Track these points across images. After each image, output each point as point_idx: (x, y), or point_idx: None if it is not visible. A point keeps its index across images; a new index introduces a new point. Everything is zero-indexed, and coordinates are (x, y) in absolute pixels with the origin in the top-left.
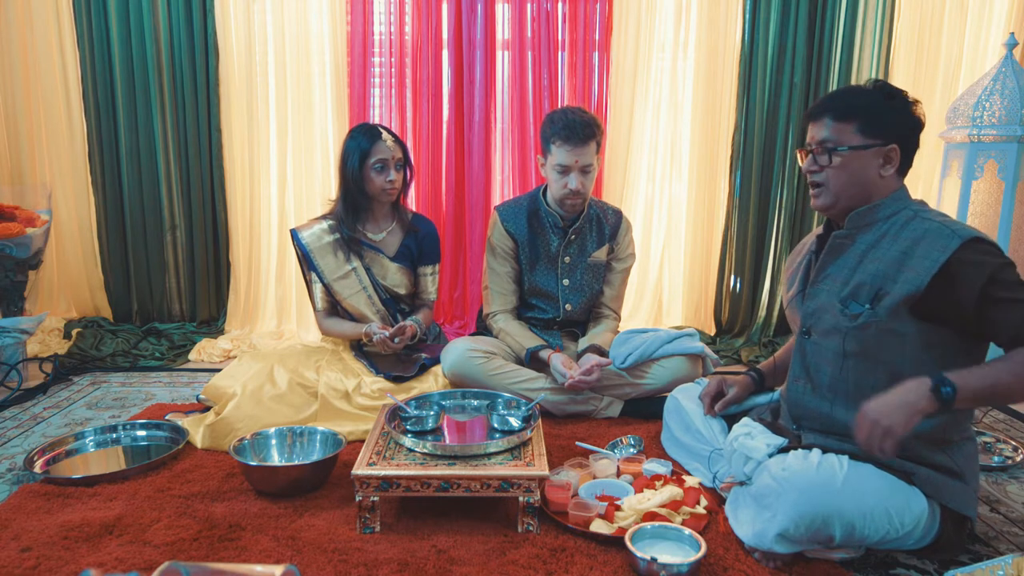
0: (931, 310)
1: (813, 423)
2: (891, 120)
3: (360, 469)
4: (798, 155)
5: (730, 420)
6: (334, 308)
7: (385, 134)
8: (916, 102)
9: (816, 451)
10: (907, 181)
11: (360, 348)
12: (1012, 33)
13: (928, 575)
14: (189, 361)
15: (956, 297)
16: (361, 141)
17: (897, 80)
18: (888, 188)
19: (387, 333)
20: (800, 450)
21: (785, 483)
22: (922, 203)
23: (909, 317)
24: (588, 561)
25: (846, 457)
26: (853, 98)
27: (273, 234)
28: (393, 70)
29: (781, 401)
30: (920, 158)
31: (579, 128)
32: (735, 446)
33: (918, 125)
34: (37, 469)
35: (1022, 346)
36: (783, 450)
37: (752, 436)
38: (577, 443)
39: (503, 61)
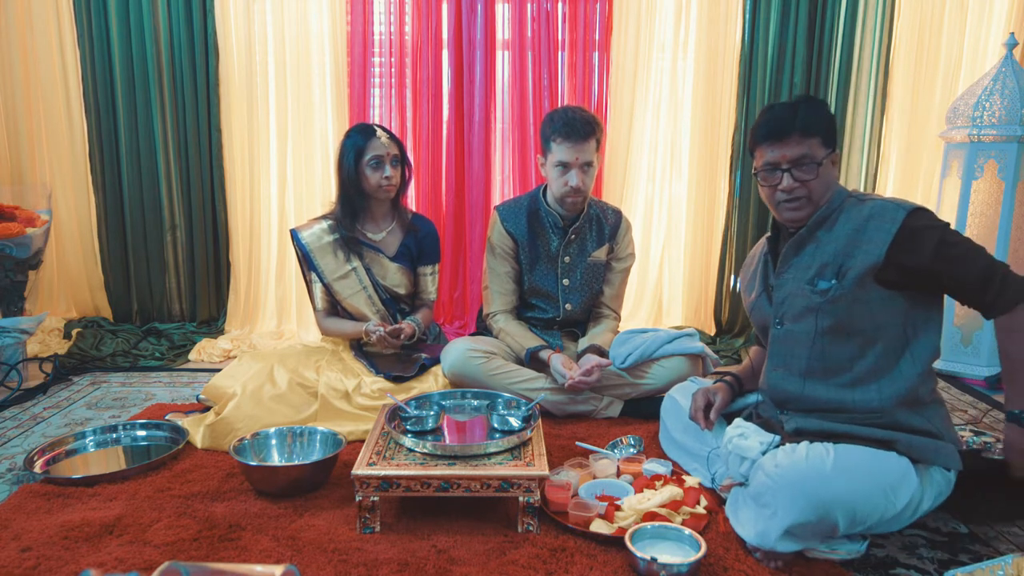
0: (892, 277)
1: (794, 405)
2: (835, 130)
3: (360, 469)
4: (759, 180)
5: (727, 419)
6: (334, 308)
7: (380, 131)
8: None
9: (804, 443)
10: (907, 181)
11: (360, 348)
12: (1012, 33)
13: (928, 575)
14: (189, 361)
15: (915, 260)
16: (356, 139)
17: (897, 80)
18: (834, 186)
19: (384, 330)
20: (788, 445)
21: (779, 479)
22: (856, 190)
23: (874, 285)
24: (588, 561)
25: (831, 444)
26: (811, 115)
27: (273, 234)
28: (393, 70)
29: (760, 393)
30: (920, 158)
31: (579, 125)
32: (730, 448)
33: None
34: (37, 469)
35: (1001, 309)
36: (777, 446)
37: (745, 436)
38: (577, 443)
39: (503, 61)
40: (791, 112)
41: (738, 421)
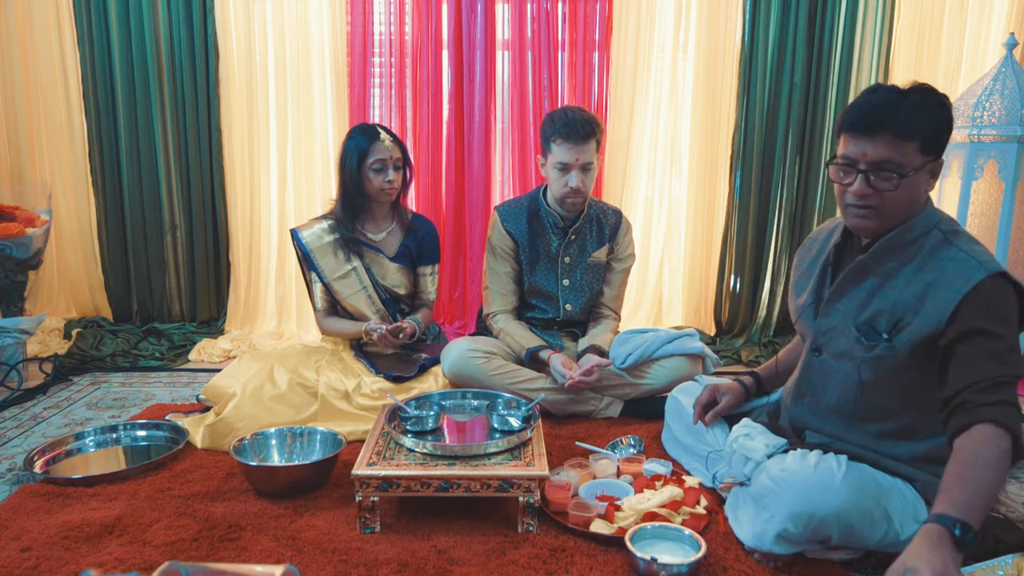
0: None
1: (816, 437)
2: (947, 133)
3: (360, 469)
4: (830, 170)
5: (730, 420)
6: (334, 308)
7: (383, 134)
8: (951, 105)
9: (816, 452)
10: None
11: (360, 348)
12: (1012, 33)
13: None
14: (189, 361)
15: (951, 330)
16: (359, 141)
17: (897, 80)
18: (923, 202)
19: (384, 328)
20: (799, 450)
21: (783, 484)
22: (949, 219)
23: (928, 351)
24: (588, 561)
25: (844, 457)
26: (914, 114)
27: (273, 234)
28: (393, 70)
29: (781, 406)
30: None
31: (579, 126)
32: (735, 447)
33: (952, 129)
34: (37, 469)
35: (962, 419)
36: (784, 451)
37: (751, 437)
38: (577, 443)
39: (503, 61)
40: (894, 103)
41: (745, 421)
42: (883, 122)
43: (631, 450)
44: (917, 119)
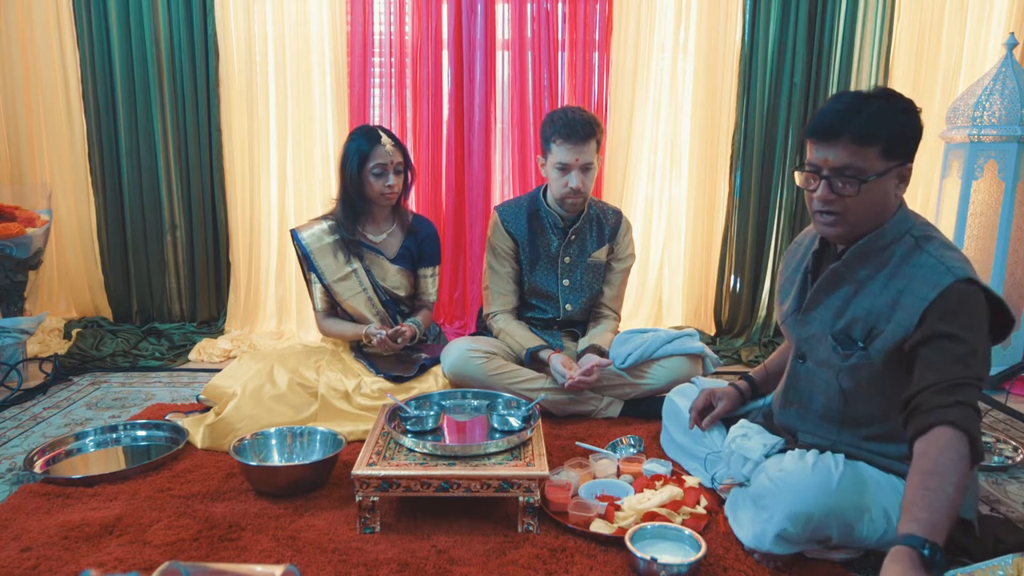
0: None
1: (809, 438)
2: (912, 138)
3: (360, 469)
4: (796, 176)
5: (727, 422)
6: (333, 308)
7: (385, 137)
8: (920, 110)
9: (813, 451)
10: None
11: (360, 348)
12: (1012, 33)
13: None
14: (189, 361)
15: (915, 335)
16: (360, 144)
17: (897, 80)
18: (894, 207)
19: (384, 333)
20: (797, 450)
21: (781, 484)
22: (924, 223)
23: (901, 358)
24: (588, 561)
25: (842, 456)
26: (874, 120)
27: (273, 234)
28: (393, 70)
29: (773, 409)
30: (920, 158)
31: (579, 126)
32: (733, 447)
33: (922, 134)
34: (37, 469)
35: (920, 421)
36: (781, 450)
37: (749, 437)
38: (577, 443)
39: (503, 61)
40: (853, 109)
41: (743, 422)
42: (842, 128)
43: (631, 450)
44: (877, 124)
